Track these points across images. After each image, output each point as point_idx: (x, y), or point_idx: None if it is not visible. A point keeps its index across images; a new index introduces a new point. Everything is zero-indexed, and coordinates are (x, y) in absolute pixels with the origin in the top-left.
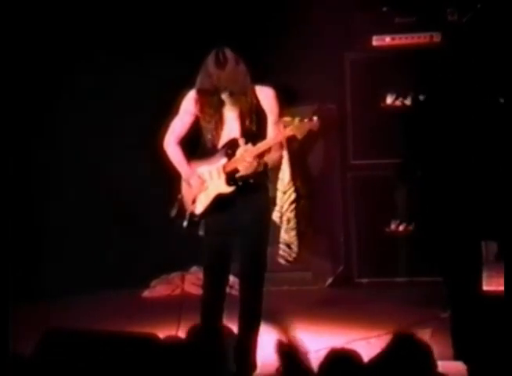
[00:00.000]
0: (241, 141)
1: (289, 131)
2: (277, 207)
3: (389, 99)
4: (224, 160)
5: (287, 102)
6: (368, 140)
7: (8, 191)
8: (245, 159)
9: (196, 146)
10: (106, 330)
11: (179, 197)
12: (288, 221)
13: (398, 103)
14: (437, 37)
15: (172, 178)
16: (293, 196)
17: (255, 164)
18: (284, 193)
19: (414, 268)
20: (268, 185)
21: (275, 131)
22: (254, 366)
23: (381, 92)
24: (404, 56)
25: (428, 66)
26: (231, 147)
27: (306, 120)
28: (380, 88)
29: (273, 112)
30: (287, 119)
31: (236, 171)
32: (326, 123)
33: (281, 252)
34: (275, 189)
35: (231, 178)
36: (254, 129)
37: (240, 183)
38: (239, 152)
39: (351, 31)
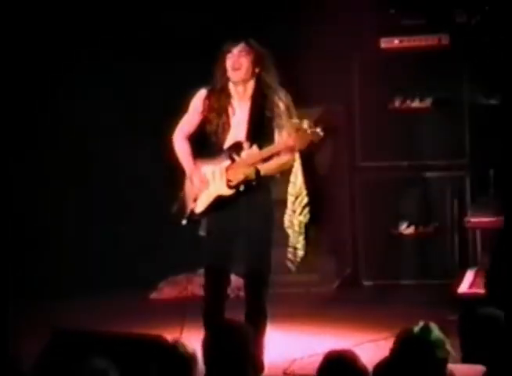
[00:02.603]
0: (245, 145)
1: (290, 141)
2: (288, 211)
3: (397, 101)
4: (227, 162)
5: (295, 103)
6: (376, 142)
7: (8, 190)
8: (238, 169)
9: (203, 145)
10: (113, 331)
11: (181, 194)
12: (299, 225)
13: (405, 105)
14: (445, 40)
15: (180, 179)
16: (305, 200)
17: (241, 176)
18: (296, 197)
19: (422, 270)
20: (270, 186)
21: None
22: (261, 367)
23: (389, 94)
24: (412, 58)
25: (437, 69)
26: (235, 150)
27: (309, 130)
28: (388, 90)
29: (283, 117)
30: (295, 121)
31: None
32: (333, 124)
33: (289, 255)
34: (285, 192)
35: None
36: (261, 132)
37: (241, 188)
38: (242, 155)
39: (359, 33)
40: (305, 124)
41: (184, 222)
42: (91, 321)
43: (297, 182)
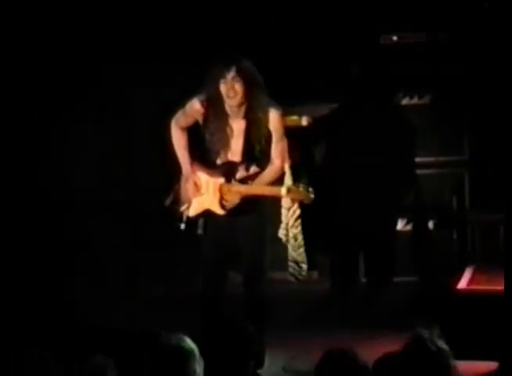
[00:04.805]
0: (241, 167)
1: (284, 194)
2: (282, 225)
3: (396, 98)
4: (222, 179)
5: (295, 101)
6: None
7: (15, 195)
8: (231, 193)
9: (199, 146)
10: (111, 327)
11: (176, 187)
12: (295, 238)
13: (405, 101)
14: (444, 36)
15: (175, 171)
16: (297, 212)
17: (235, 201)
18: (288, 209)
19: (420, 267)
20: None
21: (275, 150)
22: (260, 362)
23: (388, 90)
24: (411, 54)
25: (435, 65)
26: (230, 170)
27: (303, 189)
28: (387, 87)
29: (278, 132)
30: (294, 118)
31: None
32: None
33: (291, 270)
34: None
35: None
36: (258, 151)
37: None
38: (237, 176)
39: (358, 30)
40: (304, 120)
41: (182, 226)
42: (92, 319)
43: None
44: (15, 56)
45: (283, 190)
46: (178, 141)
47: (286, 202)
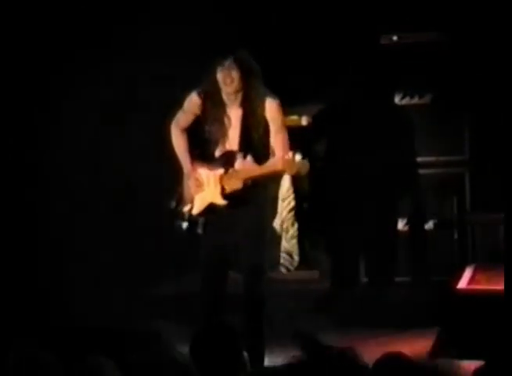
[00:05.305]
0: (239, 155)
1: (280, 166)
2: (277, 215)
3: (396, 98)
4: (221, 170)
5: (294, 101)
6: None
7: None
8: (231, 181)
9: (198, 143)
10: (110, 327)
11: (179, 189)
12: (287, 229)
13: (405, 101)
14: (444, 36)
15: (177, 173)
16: (292, 203)
17: (239, 185)
18: (283, 200)
19: (420, 267)
20: (267, 185)
21: (275, 141)
22: (260, 360)
23: (389, 90)
24: (411, 54)
25: (435, 65)
26: (228, 159)
27: (300, 160)
28: (387, 87)
29: (276, 122)
30: (293, 118)
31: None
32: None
33: (282, 261)
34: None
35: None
36: (253, 141)
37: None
38: (236, 166)
39: (357, 30)
40: (304, 120)
41: (185, 225)
42: (92, 319)
43: (284, 184)
44: (15, 56)
45: (279, 164)
46: (179, 143)
47: (282, 193)
